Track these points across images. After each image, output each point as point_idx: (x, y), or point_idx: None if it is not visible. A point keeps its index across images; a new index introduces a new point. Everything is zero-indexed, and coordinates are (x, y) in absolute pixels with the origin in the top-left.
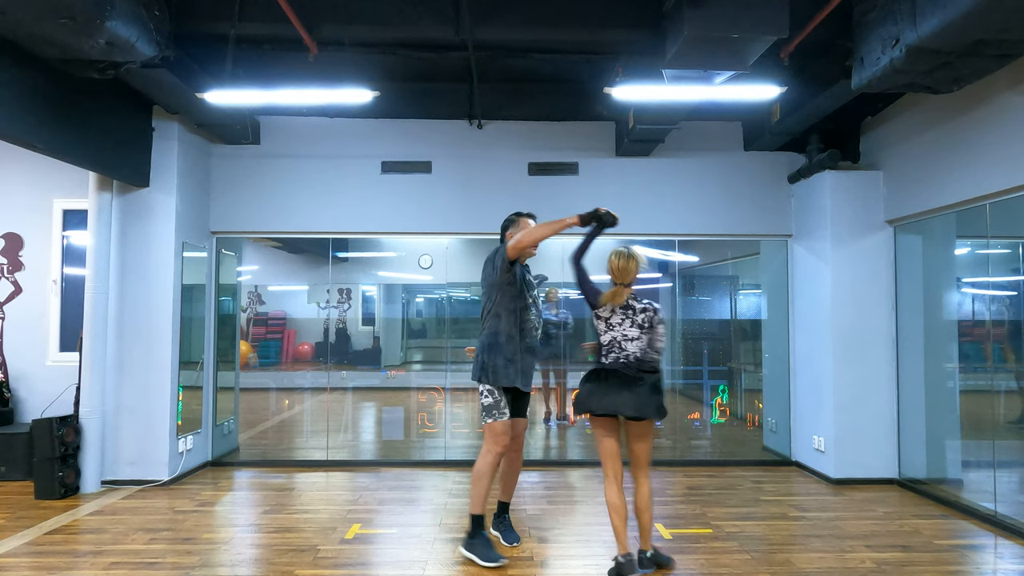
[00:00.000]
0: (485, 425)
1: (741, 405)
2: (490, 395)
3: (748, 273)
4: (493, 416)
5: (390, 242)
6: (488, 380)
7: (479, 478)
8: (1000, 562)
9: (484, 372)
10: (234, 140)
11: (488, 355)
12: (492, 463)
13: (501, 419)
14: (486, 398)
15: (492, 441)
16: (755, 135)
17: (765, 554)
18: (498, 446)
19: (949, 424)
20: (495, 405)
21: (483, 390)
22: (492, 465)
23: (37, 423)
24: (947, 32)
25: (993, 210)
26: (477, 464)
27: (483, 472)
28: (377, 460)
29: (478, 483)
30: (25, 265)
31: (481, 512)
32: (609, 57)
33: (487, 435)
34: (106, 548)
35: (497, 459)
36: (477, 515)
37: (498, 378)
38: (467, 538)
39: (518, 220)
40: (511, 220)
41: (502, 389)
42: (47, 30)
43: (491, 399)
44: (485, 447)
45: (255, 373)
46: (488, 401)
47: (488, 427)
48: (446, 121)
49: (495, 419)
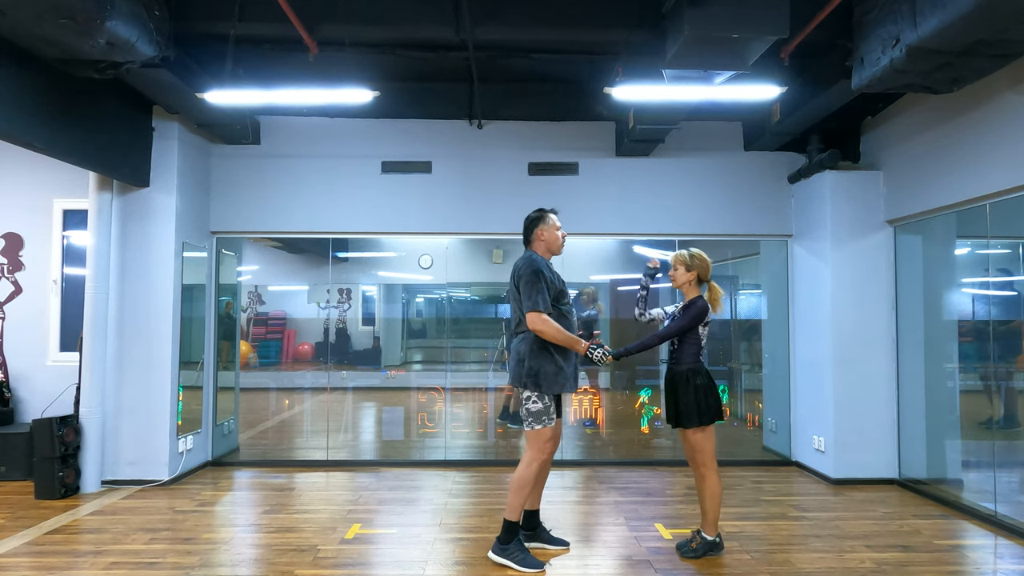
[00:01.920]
0: (530, 431)
1: (741, 405)
2: (539, 400)
3: (748, 273)
4: (542, 423)
5: (390, 242)
6: (539, 387)
7: (521, 487)
8: (1000, 562)
9: (534, 378)
10: (234, 140)
11: (536, 361)
12: (537, 471)
13: (549, 425)
14: (534, 404)
15: (538, 449)
16: (755, 135)
17: (765, 554)
18: (544, 454)
19: (949, 424)
20: (544, 411)
21: (530, 396)
22: (536, 473)
23: (37, 423)
24: (947, 32)
25: (993, 210)
26: (519, 472)
27: (526, 481)
28: (377, 460)
29: (519, 492)
30: (25, 265)
31: (518, 519)
32: (609, 57)
33: (532, 442)
34: (106, 548)
35: (541, 467)
36: (513, 522)
37: (551, 385)
38: (498, 544)
39: (544, 216)
40: (537, 217)
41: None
42: (47, 30)
43: (540, 405)
44: (530, 455)
45: (255, 373)
46: (536, 407)
47: (535, 434)
48: (446, 121)
49: (544, 425)
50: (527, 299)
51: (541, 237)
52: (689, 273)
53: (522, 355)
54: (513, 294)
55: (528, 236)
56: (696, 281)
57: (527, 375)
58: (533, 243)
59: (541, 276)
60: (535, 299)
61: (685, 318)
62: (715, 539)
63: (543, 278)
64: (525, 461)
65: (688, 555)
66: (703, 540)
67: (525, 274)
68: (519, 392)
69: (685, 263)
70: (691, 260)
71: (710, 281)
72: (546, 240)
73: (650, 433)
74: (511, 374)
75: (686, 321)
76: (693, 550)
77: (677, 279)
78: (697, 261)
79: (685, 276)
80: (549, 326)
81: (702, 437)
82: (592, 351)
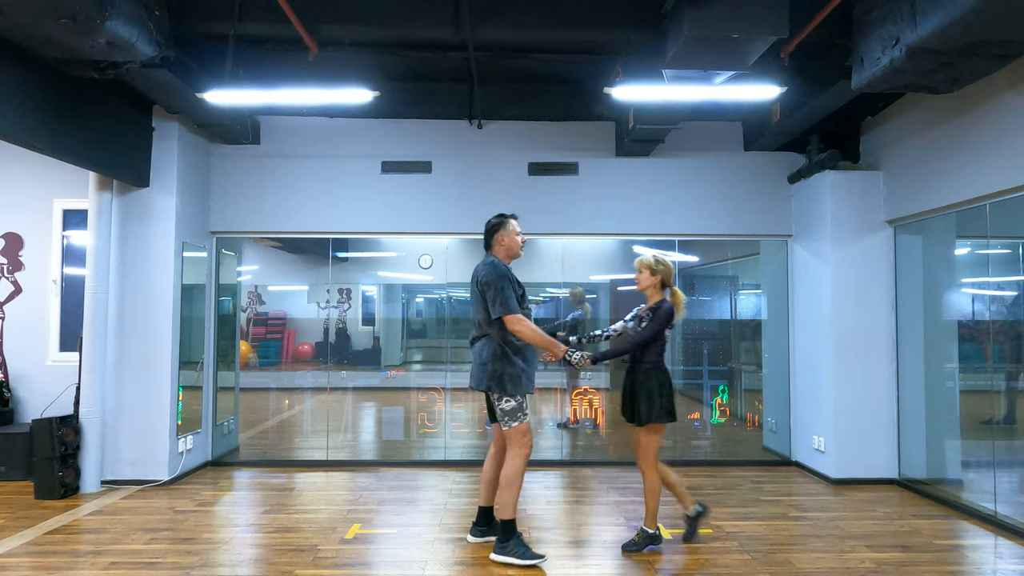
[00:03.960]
0: (508, 429)
1: (741, 405)
2: (511, 399)
3: (748, 273)
4: (517, 419)
5: (390, 242)
6: (506, 391)
7: (511, 483)
8: (1000, 562)
9: (499, 382)
10: (234, 140)
11: (500, 364)
12: (522, 465)
13: (525, 420)
14: (507, 403)
15: (519, 444)
16: (755, 135)
17: (765, 554)
18: (525, 448)
19: (949, 424)
20: (518, 408)
21: (501, 397)
22: (522, 467)
23: (37, 423)
24: (947, 32)
25: (993, 210)
26: (506, 470)
27: (515, 476)
28: (377, 460)
29: (510, 488)
30: (25, 265)
31: (513, 517)
32: (609, 57)
33: (513, 438)
34: (106, 548)
35: (525, 460)
36: (509, 520)
37: (517, 387)
38: (498, 544)
39: (505, 222)
40: (498, 223)
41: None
42: (47, 30)
43: (513, 403)
44: (513, 451)
45: (255, 373)
46: (511, 405)
47: (513, 431)
48: (446, 121)
49: (520, 421)
50: (499, 305)
51: (502, 242)
52: (654, 277)
53: (484, 359)
54: (476, 298)
55: (489, 241)
56: (660, 285)
57: (491, 378)
58: (494, 248)
59: (507, 281)
60: (506, 304)
61: (656, 322)
62: (655, 532)
63: (509, 283)
64: (510, 457)
65: (630, 548)
66: (644, 533)
67: (492, 280)
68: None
69: (650, 267)
70: (656, 265)
71: (672, 286)
72: (506, 245)
73: None
74: (473, 377)
75: (657, 325)
76: (635, 543)
77: (642, 282)
78: (662, 267)
79: (649, 280)
80: (526, 327)
81: (651, 436)
82: (570, 354)
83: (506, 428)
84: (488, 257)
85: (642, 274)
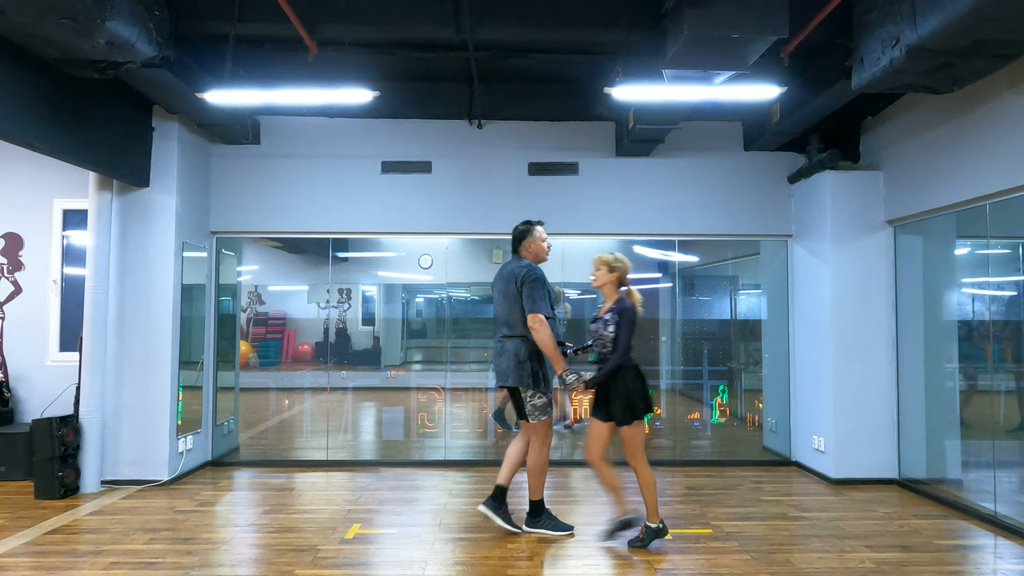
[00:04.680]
0: (535, 423)
1: (741, 405)
2: (543, 395)
3: (748, 273)
4: (546, 414)
5: (390, 242)
6: (539, 387)
7: (539, 471)
8: (1000, 562)
9: (535, 379)
10: (234, 140)
11: (536, 363)
12: (547, 455)
13: (550, 415)
14: (539, 399)
15: (544, 435)
16: (755, 135)
17: (765, 554)
18: (549, 438)
19: (949, 424)
20: (548, 404)
21: (535, 393)
22: (547, 456)
23: (37, 423)
24: (947, 32)
25: (993, 210)
26: (532, 459)
27: (541, 465)
28: (377, 460)
29: (539, 475)
30: (25, 265)
31: (540, 497)
32: (609, 57)
33: (537, 431)
34: (106, 548)
35: (548, 450)
36: (538, 500)
37: (549, 384)
38: (529, 518)
39: (532, 229)
40: (525, 230)
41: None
42: (47, 30)
43: (544, 399)
44: (537, 442)
45: (255, 373)
46: (542, 401)
47: (540, 424)
48: (446, 121)
49: (547, 415)
50: (534, 301)
51: (529, 249)
52: (611, 275)
53: (522, 357)
54: (512, 296)
55: (517, 247)
56: (616, 283)
57: (529, 375)
58: (521, 253)
59: (545, 283)
60: (540, 303)
61: (626, 323)
62: (659, 525)
63: (545, 286)
64: (535, 448)
65: (635, 545)
66: (648, 529)
67: (529, 279)
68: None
69: (608, 264)
70: (614, 262)
71: (629, 286)
72: (533, 252)
73: (650, 433)
74: (507, 374)
75: (627, 326)
76: (640, 540)
77: (599, 279)
78: (619, 264)
79: (607, 277)
80: (545, 331)
81: (633, 432)
82: (567, 375)
83: (533, 421)
84: (519, 259)
85: (600, 271)
